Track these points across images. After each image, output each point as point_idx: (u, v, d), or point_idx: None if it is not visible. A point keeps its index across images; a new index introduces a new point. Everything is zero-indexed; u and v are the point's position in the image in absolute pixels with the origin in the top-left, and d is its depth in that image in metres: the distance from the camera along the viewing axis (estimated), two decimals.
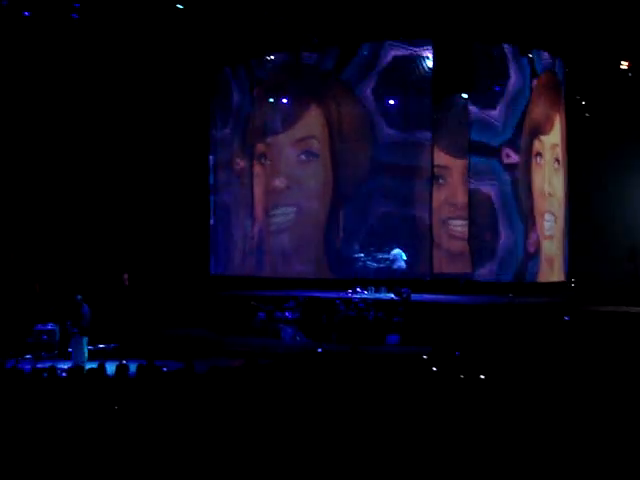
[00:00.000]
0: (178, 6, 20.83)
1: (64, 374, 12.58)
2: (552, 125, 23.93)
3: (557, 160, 24.01)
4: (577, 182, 24.03)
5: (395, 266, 22.90)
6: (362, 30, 22.56)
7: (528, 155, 23.43)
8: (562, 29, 21.12)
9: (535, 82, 23.37)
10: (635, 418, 8.32)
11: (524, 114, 23.25)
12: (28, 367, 13.61)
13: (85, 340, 17.27)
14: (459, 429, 7.98)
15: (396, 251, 22.99)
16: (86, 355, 17.04)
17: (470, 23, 21.18)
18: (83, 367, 13.47)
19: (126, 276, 23.56)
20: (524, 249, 23.30)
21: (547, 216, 23.80)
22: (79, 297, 17.34)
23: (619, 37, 21.23)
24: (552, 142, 23.93)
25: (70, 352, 17.62)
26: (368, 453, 7.28)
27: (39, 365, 15.28)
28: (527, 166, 23.47)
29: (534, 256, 23.49)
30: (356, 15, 21.47)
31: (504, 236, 23.02)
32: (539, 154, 23.56)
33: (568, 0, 19.97)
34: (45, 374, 11.85)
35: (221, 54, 24.46)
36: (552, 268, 23.96)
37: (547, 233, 23.84)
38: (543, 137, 23.73)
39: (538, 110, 23.60)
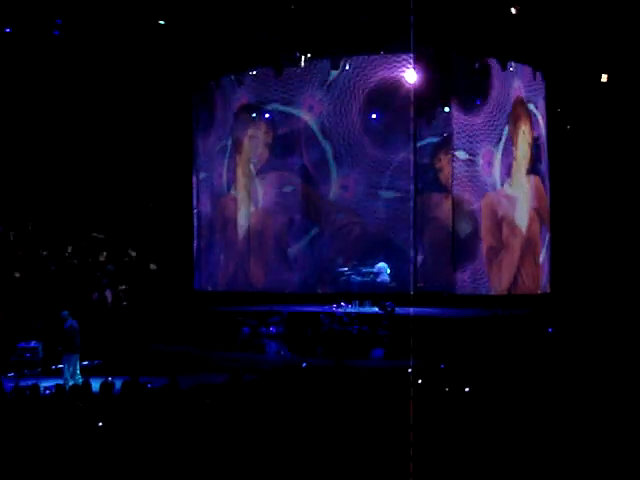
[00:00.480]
0: (160, 22, 20.90)
1: (47, 392, 12.52)
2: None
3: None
4: (559, 192, 24.15)
5: (379, 279, 22.95)
6: (344, 45, 22.67)
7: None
8: (543, 43, 21.26)
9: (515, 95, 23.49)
10: (619, 428, 8.36)
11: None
12: (11, 385, 13.53)
13: (76, 357, 17.01)
14: (445, 441, 7.99)
15: (380, 264, 23.04)
16: (68, 375, 16.79)
17: (451, 36, 21.30)
18: (78, 386, 13.34)
19: (108, 293, 23.55)
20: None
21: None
22: (65, 313, 17.17)
23: (599, 51, 21.41)
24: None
25: (55, 369, 17.40)
26: (354, 467, 7.29)
27: (22, 383, 15.21)
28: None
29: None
30: (338, 30, 21.57)
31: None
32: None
33: (549, 15, 20.07)
34: (27, 392, 11.79)
35: (204, 68, 24.46)
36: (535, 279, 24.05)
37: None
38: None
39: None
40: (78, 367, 17.06)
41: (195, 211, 26.28)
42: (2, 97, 22.40)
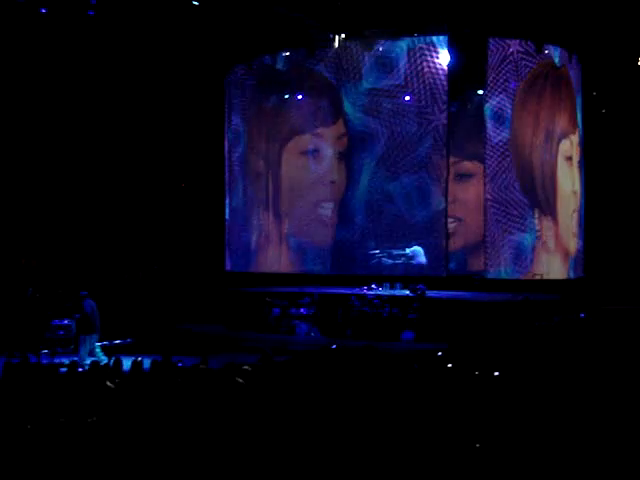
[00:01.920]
0: (194, 2, 20.93)
1: (81, 369, 12.66)
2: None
3: (569, 158, 23.90)
4: (593, 178, 23.95)
5: (415, 262, 22.98)
6: (378, 26, 22.61)
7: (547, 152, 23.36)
8: (578, 26, 21.07)
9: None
10: None
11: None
12: (45, 361, 13.71)
13: (88, 337, 17.04)
14: (474, 424, 7.99)
15: (415, 247, 23.04)
16: (85, 353, 16.84)
17: (486, 18, 21.16)
18: (82, 365, 13.44)
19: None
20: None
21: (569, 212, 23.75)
22: (83, 293, 17.27)
23: (636, 34, 21.18)
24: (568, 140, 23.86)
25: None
26: (382, 448, 7.30)
27: (56, 360, 15.41)
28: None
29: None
30: (372, 12, 21.50)
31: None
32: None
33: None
34: (64, 369, 11.94)
35: (235, 51, 24.45)
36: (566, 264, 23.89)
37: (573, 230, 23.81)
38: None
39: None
40: (98, 346, 17.17)
41: (227, 191, 26.31)
42: (37, 90, 22.57)
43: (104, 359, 15.88)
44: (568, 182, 23.65)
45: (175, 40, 22.74)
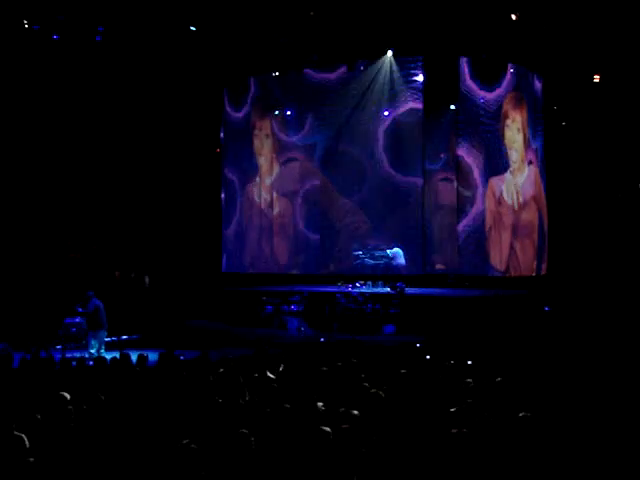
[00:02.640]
0: (191, 28, 21.01)
1: (91, 363, 12.67)
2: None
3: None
4: (555, 185, 24.10)
5: (395, 263, 23.04)
6: (359, 48, 22.73)
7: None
8: (540, 46, 21.22)
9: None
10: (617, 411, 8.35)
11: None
12: (58, 357, 13.69)
13: (96, 334, 16.92)
14: (450, 410, 8.05)
15: (395, 249, 23.12)
16: (94, 348, 16.75)
17: (456, 39, 21.29)
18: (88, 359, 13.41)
19: (117, 273, 23.92)
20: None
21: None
22: (90, 292, 17.22)
23: (592, 52, 21.37)
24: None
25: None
26: (367, 433, 7.35)
27: (67, 355, 15.38)
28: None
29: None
30: (353, 34, 21.61)
31: None
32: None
33: (545, 19, 20.02)
34: (74, 363, 11.95)
35: (227, 70, 24.57)
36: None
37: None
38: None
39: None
40: (103, 343, 17.11)
41: (222, 197, 26.39)
42: (44, 102, 22.58)
43: (105, 354, 15.80)
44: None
45: (176, 56, 22.80)
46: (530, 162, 23.44)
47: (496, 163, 22.94)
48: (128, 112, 24.14)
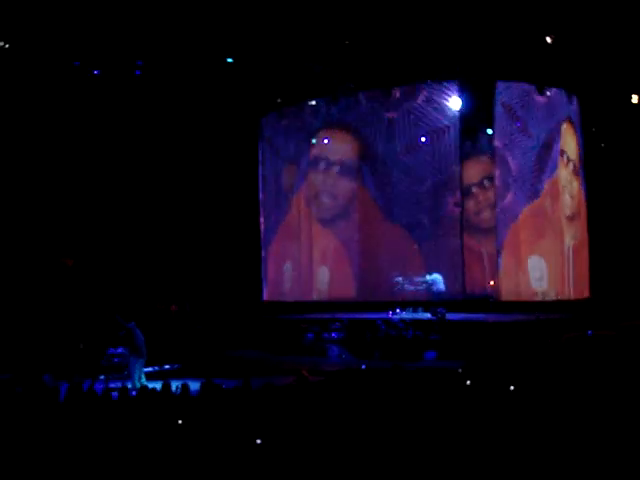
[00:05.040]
0: (228, 60, 21.33)
1: (134, 393, 12.78)
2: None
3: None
4: (596, 204, 23.95)
5: (435, 289, 22.97)
6: (394, 74, 22.85)
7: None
8: (577, 68, 21.19)
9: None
10: None
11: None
12: (101, 387, 13.83)
13: (137, 363, 17.09)
14: (489, 436, 8.01)
15: (435, 275, 23.07)
16: (135, 378, 16.89)
17: (493, 63, 21.33)
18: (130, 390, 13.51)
19: (174, 307, 24.09)
20: None
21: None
22: (132, 324, 17.39)
23: (630, 74, 21.28)
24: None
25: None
26: (407, 459, 7.34)
27: (111, 385, 15.53)
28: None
29: None
30: (388, 61, 21.75)
31: None
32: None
33: (582, 42, 20.00)
34: (115, 394, 12.06)
35: (265, 100, 24.84)
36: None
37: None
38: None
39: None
40: (141, 372, 17.24)
41: (262, 227, 26.57)
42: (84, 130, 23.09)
43: (145, 384, 15.91)
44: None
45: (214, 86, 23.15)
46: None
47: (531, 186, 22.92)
48: (171, 138, 24.52)
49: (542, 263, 22.92)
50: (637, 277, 23.07)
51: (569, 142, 23.72)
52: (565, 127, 23.52)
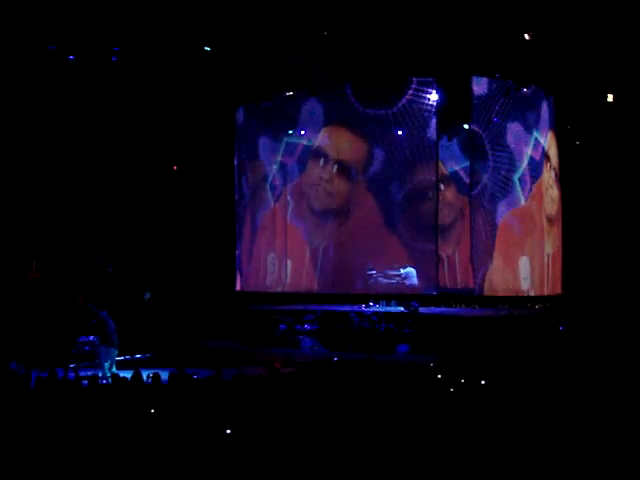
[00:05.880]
0: (206, 48, 21.19)
1: (104, 381, 12.68)
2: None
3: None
4: (570, 203, 24.10)
5: (408, 283, 22.96)
6: (375, 69, 22.82)
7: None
8: (553, 66, 21.27)
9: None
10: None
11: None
12: (72, 375, 13.71)
13: (108, 352, 16.91)
14: (460, 430, 8.01)
15: (408, 269, 23.05)
16: (106, 367, 16.72)
17: (469, 60, 21.38)
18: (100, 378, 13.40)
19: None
20: None
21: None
22: (103, 312, 17.23)
23: (605, 71, 21.41)
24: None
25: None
26: (378, 451, 7.32)
27: (81, 373, 15.39)
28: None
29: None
30: (369, 55, 21.73)
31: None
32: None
33: (558, 40, 20.08)
34: (86, 382, 11.96)
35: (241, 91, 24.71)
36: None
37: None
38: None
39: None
40: (114, 361, 17.08)
41: (237, 218, 26.44)
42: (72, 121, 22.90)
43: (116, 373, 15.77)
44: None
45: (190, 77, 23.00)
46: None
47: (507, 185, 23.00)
48: (142, 126, 24.33)
49: (526, 263, 23.06)
50: (609, 275, 23.25)
51: (552, 152, 23.89)
52: (550, 137, 23.68)
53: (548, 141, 23.69)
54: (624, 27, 19.67)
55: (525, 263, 23.01)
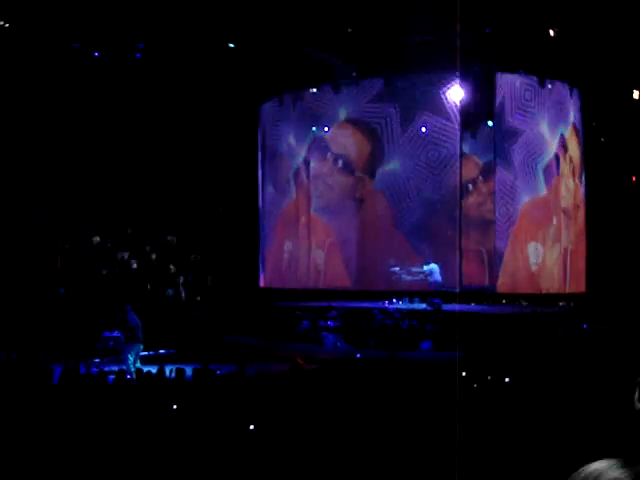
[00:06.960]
0: (230, 45, 21.22)
1: (128, 377, 12.73)
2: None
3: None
4: (594, 199, 23.88)
5: (432, 279, 22.81)
6: (394, 64, 22.72)
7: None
8: (579, 62, 21.09)
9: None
10: None
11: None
12: (95, 371, 13.78)
13: (132, 347, 17.01)
14: (485, 427, 7.96)
15: (432, 265, 22.88)
16: (130, 362, 16.77)
17: (493, 55, 21.25)
18: (125, 373, 13.44)
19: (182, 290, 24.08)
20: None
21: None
22: (127, 307, 17.31)
23: (632, 68, 21.19)
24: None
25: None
26: (401, 447, 7.29)
27: (105, 368, 15.47)
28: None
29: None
30: (388, 50, 21.66)
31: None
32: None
33: (584, 35, 19.91)
34: (112, 377, 12.01)
35: (265, 87, 24.70)
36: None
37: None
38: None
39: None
40: (139, 357, 17.17)
41: (260, 214, 26.43)
42: (90, 113, 22.97)
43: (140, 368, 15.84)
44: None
45: (214, 74, 23.01)
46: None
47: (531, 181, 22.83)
48: (168, 122, 24.39)
49: (541, 253, 22.84)
50: (634, 273, 23.04)
51: (572, 144, 23.65)
52: (570, 130, 23.47)
53: (568, 135, 23.45)
54: None
55: (535, 249, 22.75)
